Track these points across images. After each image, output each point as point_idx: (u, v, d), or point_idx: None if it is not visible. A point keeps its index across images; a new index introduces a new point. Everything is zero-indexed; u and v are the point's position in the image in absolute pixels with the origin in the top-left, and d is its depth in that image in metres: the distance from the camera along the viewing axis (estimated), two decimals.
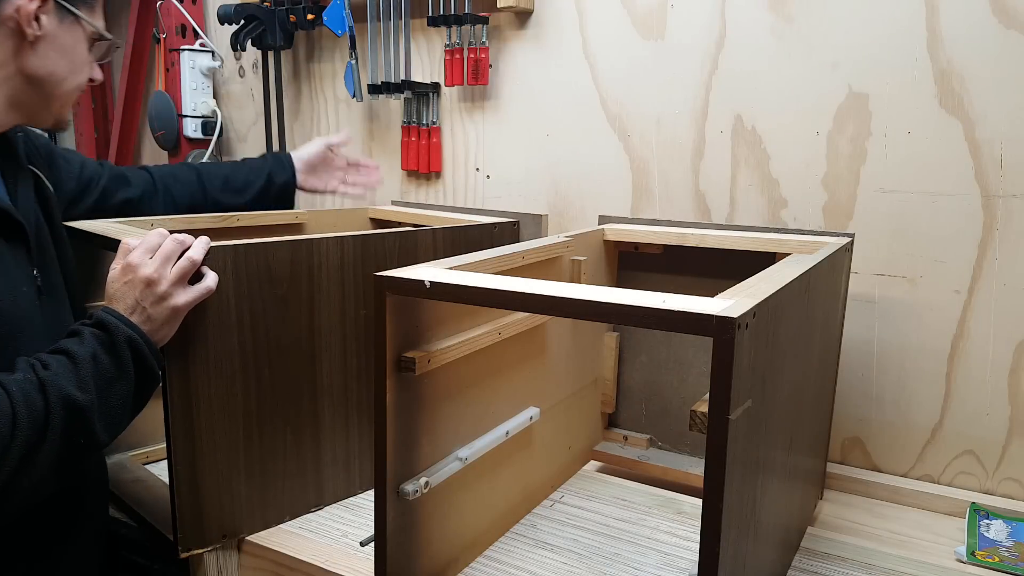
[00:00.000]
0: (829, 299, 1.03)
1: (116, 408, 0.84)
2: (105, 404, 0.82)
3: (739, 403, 0.62)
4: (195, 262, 0.90)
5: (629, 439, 1.32)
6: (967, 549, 1.02)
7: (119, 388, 0.84)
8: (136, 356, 0.85)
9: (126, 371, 0.84)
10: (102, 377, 0.82)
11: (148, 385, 0.88)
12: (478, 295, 0.74)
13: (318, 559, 0.98)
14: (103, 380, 0.82)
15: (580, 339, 1.20)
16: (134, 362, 0.85)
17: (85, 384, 0.80)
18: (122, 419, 0.86)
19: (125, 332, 0.84)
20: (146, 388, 0.88)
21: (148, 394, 0.89)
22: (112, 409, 0.83)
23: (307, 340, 1.05)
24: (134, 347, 0.85)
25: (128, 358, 0.84)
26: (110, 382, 0.83)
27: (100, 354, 0.83)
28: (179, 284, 0.89)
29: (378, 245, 1.11)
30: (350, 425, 1.12)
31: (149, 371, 0.87)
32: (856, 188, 1.23)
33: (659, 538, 1.04)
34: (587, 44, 1.45)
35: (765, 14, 1.27)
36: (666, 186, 1.40)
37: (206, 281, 0.91)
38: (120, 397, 0.84)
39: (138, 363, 0.86)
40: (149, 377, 0.88)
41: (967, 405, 1.18)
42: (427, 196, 1.72)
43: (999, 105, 1.11)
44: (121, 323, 0.85)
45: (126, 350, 0.84)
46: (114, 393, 0.83)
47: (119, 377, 0.84)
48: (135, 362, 0.85)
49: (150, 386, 0.89)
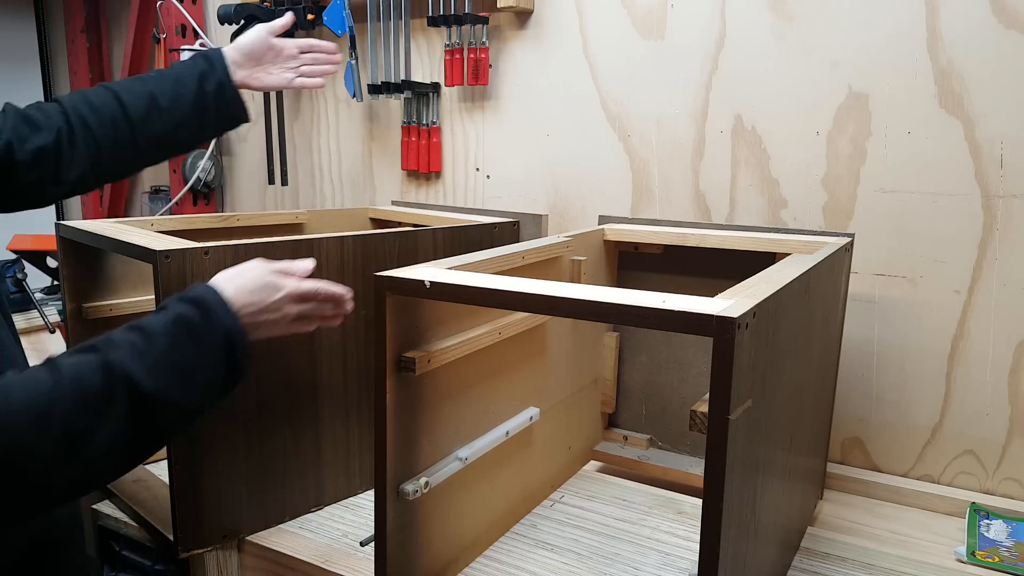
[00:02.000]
0: (829, 299, 1.03)
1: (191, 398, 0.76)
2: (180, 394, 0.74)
3: (739, 403, 0.62)
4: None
5: (629, 439, 1.32)
6: (967, 549, 1.02)
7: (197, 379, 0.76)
8: (229, 351, 0.77)
9: (211, 363, 0.76)
10: (180, 365, 0.74)
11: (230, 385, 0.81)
12: (478, 295, 0.74)
13: (318, 559, 0.98)
14: (180, 368, 0.74)
15: (580, 339, 1.20)
16: (226, 357, 0.77)
17: (157, 369, 0.72)
18: (193, 415, 0.78)
19: (225, 323, 0.76)
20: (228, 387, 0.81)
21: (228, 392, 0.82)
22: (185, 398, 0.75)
23: (307, 340, 1.05)
24: (230, 341, 0.77)
25: (221, 351, 0.76)
26: (189, 371, 0.74)
27: (183, 340, 0.74)
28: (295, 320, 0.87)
29: (378, 245, 1.11)
30: (350, 425, 1.12)
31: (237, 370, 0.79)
32: (856, 188, 1.23)
33: (659, 538, 1.04)
34: (587, 44, 1.45)
35: (765, 14, 1.27)
36: (666, 186, 1.40)
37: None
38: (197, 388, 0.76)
39: (230, 358, 0.77)
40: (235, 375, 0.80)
41: (967, 405, 1.18)
42: (427, 196, 1.72)
43: (999, 105, 1.11)
44: (222, 311, 0.77)
45: (220, 341, 0.76)
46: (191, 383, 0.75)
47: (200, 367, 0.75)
48: (227, 357, 0.77)
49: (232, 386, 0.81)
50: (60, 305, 1.50)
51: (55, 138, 1.02)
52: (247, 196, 2.07)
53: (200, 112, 1.11)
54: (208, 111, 1.11)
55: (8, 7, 2.39)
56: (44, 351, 1.60)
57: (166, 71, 1.12)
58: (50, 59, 2.49)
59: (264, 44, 1.19)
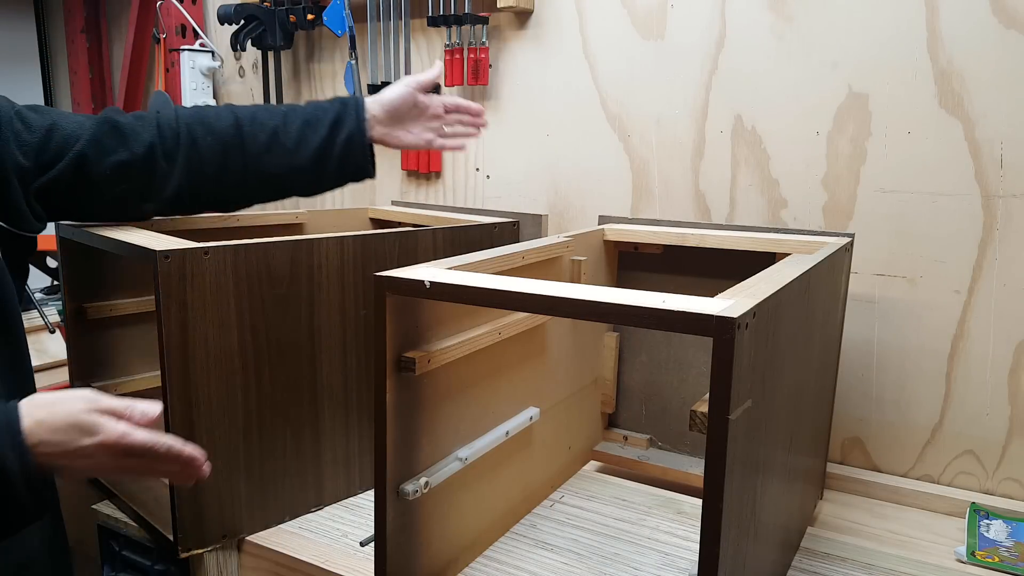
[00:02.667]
0: (829, 299, 1.03)
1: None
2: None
3: (739, 403, 0.62)
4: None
5: (629, 439, 1.32)
6: (967, 549, 1.02)
7: None
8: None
9: None
10: None
11: None
12: (478, 295, 0.74)
13: (318, 559, 0.98)
14: None
15: (580, 339, 1.20)
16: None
17: None
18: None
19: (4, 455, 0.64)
20: None
21: None
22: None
23: (307, 340, 1.05)
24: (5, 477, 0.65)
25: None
26: None
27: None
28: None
29: (378, 245, 1.11)
30: (350, 425, 1.12)
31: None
32: (856, 188, 1.23)
33: (659, 538, 1.04)
34: (587, 44, 1.45)
35: (765, 14, 1.27)
36: (666, 186, 1.40)
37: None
38: None
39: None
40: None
41: (967, 405, 1.18)
42: (427, 196, 1.72)
43: (999, 105, 1.11)
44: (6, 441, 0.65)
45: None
46: None
47: None
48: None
49: None
50: (60, 305, 1.50)
51: (144, 152, 0.96)
52: None
53: (321, 161, 1.04)
54: (329, 162, 1.04)
55: (8, 7, 2.39)
56: (44, 351, 1.60)
57: (300, 108, 1.05)
58: (50, 59, 2.49)
59: (410, 101, 1.11)
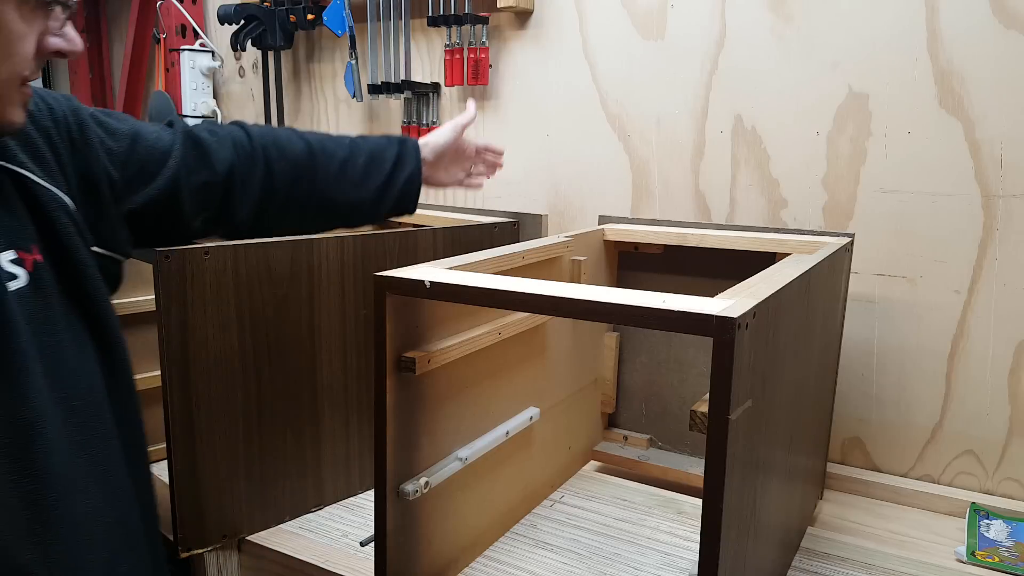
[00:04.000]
0: (829, 299, 1.03)
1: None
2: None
3: (739, 403, 0.62)
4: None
5: (629, 439, 1.32)
6: (967, 549, 1.02)
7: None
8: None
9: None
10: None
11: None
12: (478, 295, 0.73)
13: (318, 559, 0.98)
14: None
15: (580, 339, 1.20)
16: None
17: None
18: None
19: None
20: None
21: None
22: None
23: (307, 340, 1.05)
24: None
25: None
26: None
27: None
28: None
29: (378, 245, 1.11)
30: (350, 425, 1.12)
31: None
32: (856, 188, 1.23)
33: (659, 538, 1.04)
34: (587, 44, 1.45)
35: (765, 14, 1.27)
36: (666, 186, 1.40)
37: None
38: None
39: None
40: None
41: (967, 405, 1.18)
42: (427, 196, 1.71)
43: (999, 105, 1.11)
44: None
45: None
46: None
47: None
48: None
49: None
50: None
51: (225, 174, 0.91)
52: None
53: (382, 197, 1.05)
54: (388, 199, 1.06)
55: None
56: None
57: (363, 142, 1.06)
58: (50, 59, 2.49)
59: (455, 145, 1.15)
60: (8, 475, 0.62)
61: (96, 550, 0.69)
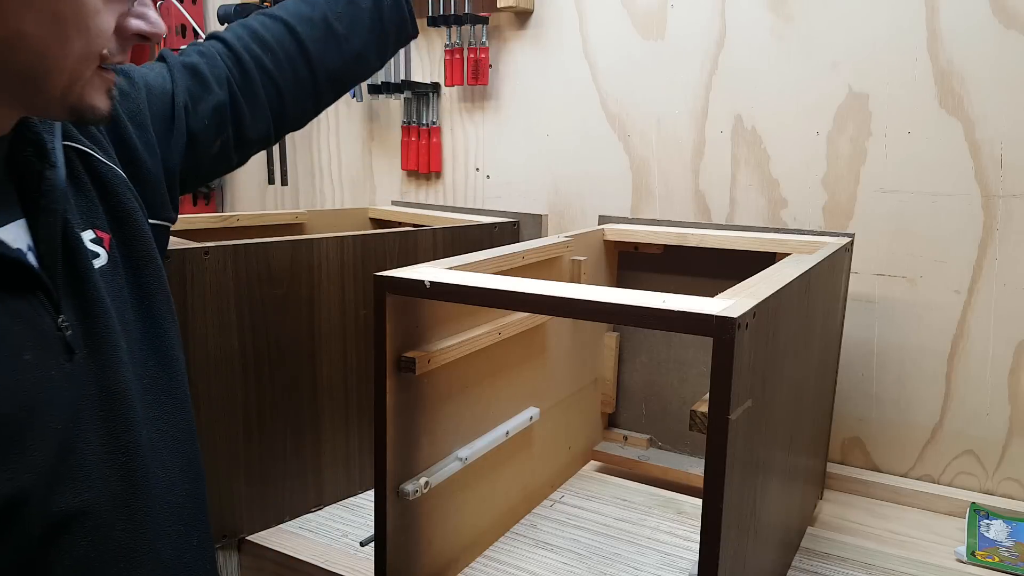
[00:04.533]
0: (829, 299, 1.03)
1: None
2: None
3: (739, 403, 0.62)
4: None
5: (629, 439, 1.32)
6: (967, 549, 1.02)
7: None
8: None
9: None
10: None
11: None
12: (478, 295, 0.73)
13: (318, 559, 0.98)
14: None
15: (580, 339, 1.20)
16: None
17: None
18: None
19: None
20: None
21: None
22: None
23: (307, 340, 1.05)
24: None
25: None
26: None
27: None
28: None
29: (378, 245, 1.11)
30: (350, 425, 1.12)
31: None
32: (856, 188, 1.23)
33: (659, 538, 1.04)
34: (587, 44, 1.45)
35: (765, 14, 1.27)
36: (666, 186, 1.40)
37: None
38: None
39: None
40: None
41: (967, 405, 1.18)
42: (427, 196, 1.72)
43: (999, 105, 1.11)
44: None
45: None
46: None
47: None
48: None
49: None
50: None
51: (229, 91, 0.86)
52: (247, 196, 2.07)
53: (377, 36, 0.96)
54: (386, 33, 0.97)
55: None
56: None
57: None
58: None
59: None
60: (104, 447, 0.63)
61: (173, 522, 0.70)
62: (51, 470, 0.59)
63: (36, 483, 0.57)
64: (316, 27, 0.92)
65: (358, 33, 0.95)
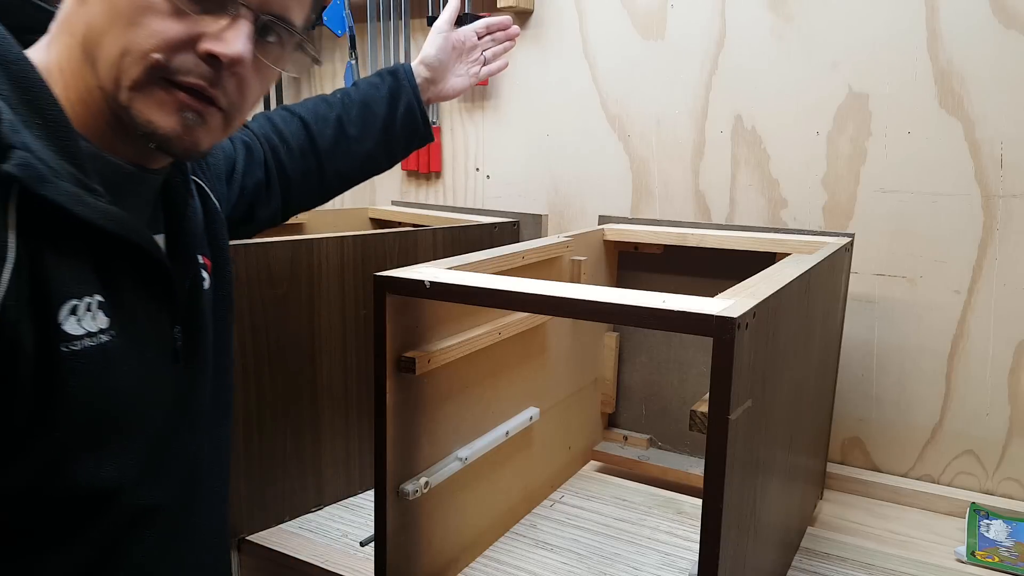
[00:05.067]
0: (829, 299, 1.03)
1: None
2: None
3: (739, 403, 0.62)
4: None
5: (629, 439, 1.32)
6: (967, 549, 1.02)
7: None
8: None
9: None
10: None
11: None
12: (478, 295, 0.73)
13: (318, 559, 0.98)
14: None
15: (580, 339, 1.20)
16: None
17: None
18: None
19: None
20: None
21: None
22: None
23: (307, 340, 1.05)
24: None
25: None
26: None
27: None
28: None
29: (378, 245, 1.11)
30: (350, 425, 1.12)
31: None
32: (856, 188, 1.23)
33: (659, 538, 1.04)
34: (587, 44, 1.45)
35: (765, 14, 1.27)
36: (666, 186, 1.40)
37: None
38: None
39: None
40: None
41: (967, 405, 1.18)
42: (427, 196, 1.72)
43: (999, 105, 1.11)
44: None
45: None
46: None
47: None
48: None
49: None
50: None
51: (266, 173, 0.95)
52: None
53: (387, 141, 1.03)
54: (395, 140, 1.04)
55: None
56: None
57: (352, 92, 1.03)
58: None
59: (448, 49, 1.09)
60: (179, 452, 0.69)
61: (216, 529, 0.78)
62: (143, 466, 0.63)
63: (130, 476, 0.62)
64: (329, 127, 0.99)
65: (369, 136, 1.01)
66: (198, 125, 0.60)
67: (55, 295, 0.55)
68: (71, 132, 0.56)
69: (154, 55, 0.56)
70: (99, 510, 0.61)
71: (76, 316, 0.56)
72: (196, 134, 0.61)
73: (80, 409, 0.57)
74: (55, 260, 0.55)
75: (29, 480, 0.56)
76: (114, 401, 0.60)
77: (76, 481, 0.58)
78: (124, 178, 0.63)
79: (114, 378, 0.59)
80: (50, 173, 0.54)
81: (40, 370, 0.54)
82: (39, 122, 0.54)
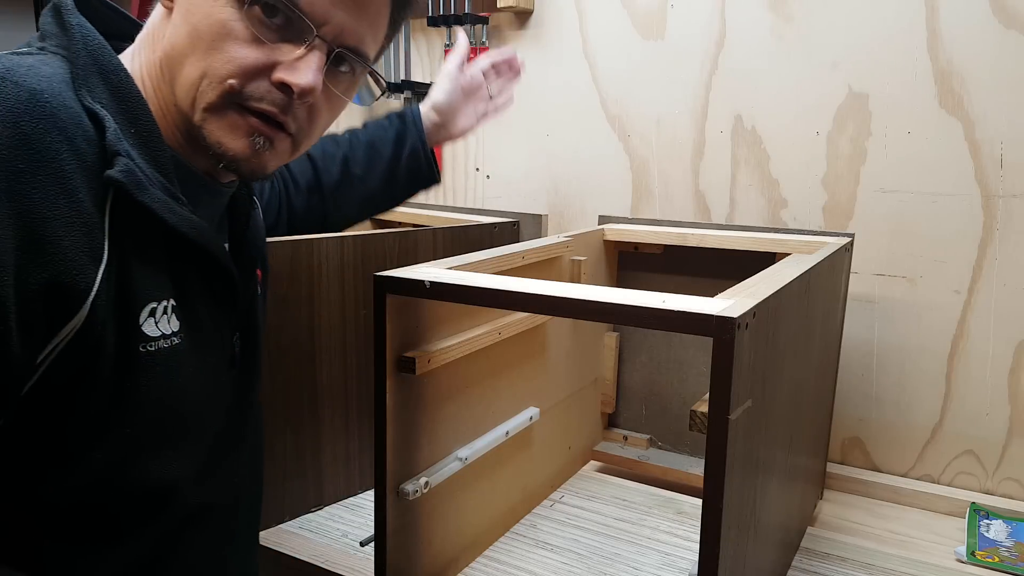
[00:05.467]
0: (829, 299, 1.03)
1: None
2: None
3: (739, 403, 0.62)
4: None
5: (629, 439, 1.32)
6: (967, 549, 1.02)
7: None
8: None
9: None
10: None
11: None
12: (478, 295, 0.73)
13: (318, 559, 0.98)
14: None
15: (580, 339, 1.20)
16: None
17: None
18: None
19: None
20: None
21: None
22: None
23: (307, 340, 1.05)
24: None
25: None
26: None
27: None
28: None
29: (378, 245, 1.11)
30: (350, 425, 1.12)
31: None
32: (856, 188, 1.23)
33: (659, 538, 1.04)
34: (587, 44, 1.45)
35: (765, 14, 1.27)
36: (666, 186, 1.40)
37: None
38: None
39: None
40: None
41: (967, 405, 1.18)
42: (427, 196, 1.71)
43: (999, 105, 1.11)
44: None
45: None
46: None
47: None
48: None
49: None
50: None
51: (288, 201, 1.02)
52: None
53: (391, 182, 1.05)
54: (398, 182, 1.06)
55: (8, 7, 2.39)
56: None
57: (360, 133, 1.05)
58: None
59: (459, 93, 1.08)
60: (230, 454, 0.73)
61: (250, 533, 0.83)
62: (202, 466, 0.67)
63: (191, 475, 0.65)
64: (335, 165, 1.03)
65: (373, 177, 1.04)
66: (266, 149, 0.62)
67: (138, 297, 0.58)
68: (161, 142, 0.59)
69: (230, 80, 0.58)
70: (160, 507, 0.63)
71: (154, 318, 0.59)
72: (264, 157, 0.63)
73: (152, 407, 0.60)
74: (139, 263, 0.57)
75: (100, 473, 0.59)
76: (182, 401, 0.63)
77: (146, 475, 0.61)
78: (201, 188, 0.66)
79: (183, 379, 0.62)
80: (146, 181, 0.56)
81: (119, 368, 0.57)
82: (133, 131, 0.57)
